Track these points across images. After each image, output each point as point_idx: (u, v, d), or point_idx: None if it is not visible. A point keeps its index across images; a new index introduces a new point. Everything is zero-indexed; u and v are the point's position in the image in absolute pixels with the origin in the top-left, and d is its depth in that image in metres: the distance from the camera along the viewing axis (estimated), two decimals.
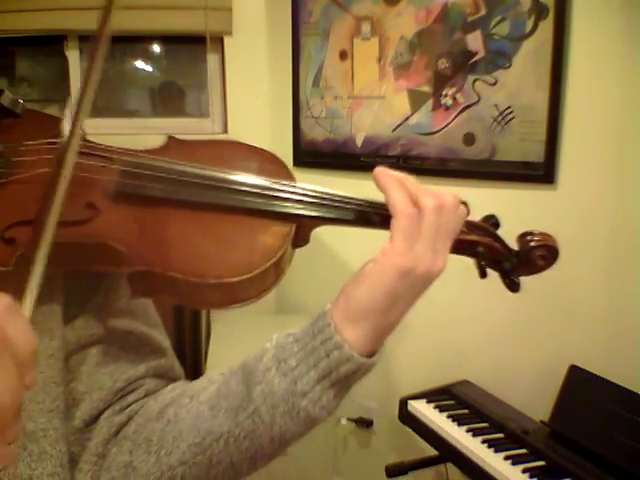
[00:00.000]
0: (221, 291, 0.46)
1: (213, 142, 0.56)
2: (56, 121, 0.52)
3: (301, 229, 0.52)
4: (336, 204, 0.52)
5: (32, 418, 0.48)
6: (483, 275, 0.57)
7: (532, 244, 0.55)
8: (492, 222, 0.57)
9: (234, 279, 0.46)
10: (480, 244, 0.55)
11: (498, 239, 0.57)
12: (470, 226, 0.55)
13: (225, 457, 0.50)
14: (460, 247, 0.54)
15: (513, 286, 0.57)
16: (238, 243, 0.49)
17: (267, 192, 0.51)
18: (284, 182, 0.52)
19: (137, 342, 0.60)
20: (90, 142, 0.52)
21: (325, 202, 0.52)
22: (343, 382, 0.49)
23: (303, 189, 0.52)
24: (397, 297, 0.50)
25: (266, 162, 0.55)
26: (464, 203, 0.53)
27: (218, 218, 0.49)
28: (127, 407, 0.57)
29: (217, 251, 0.48)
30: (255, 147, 0.57)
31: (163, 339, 0.64)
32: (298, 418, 0.48)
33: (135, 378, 0.58)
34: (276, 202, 0.51)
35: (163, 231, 0.48)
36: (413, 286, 0.50)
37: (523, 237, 0.57)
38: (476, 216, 0.57)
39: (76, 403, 0.54)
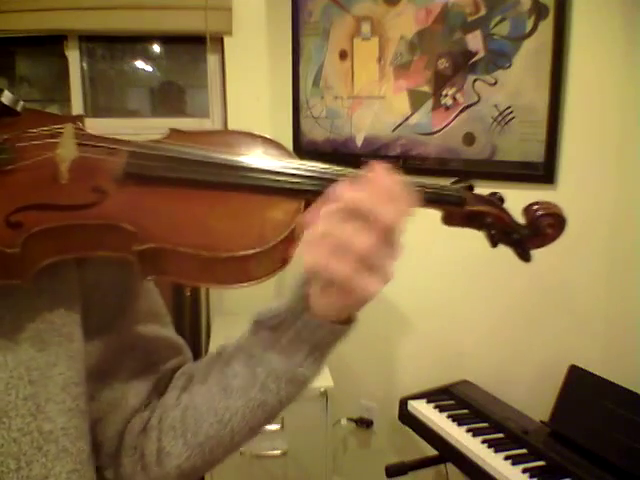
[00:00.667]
0: (231, 266, 0.46)
1: (215, 131, 0.57)
2: (56, 118, 0.53)
3: (309, 206, 0.53)
4: (339, 179, 0.52)
5: (50, 418, 0.49)
6: (494, 245, 0.57)
7: (539, 213, 0.56)
8: (497, 197, 0.58)
9: (245, 252, 0.46)
10: (488, 215, 0.56)
11: (505, 211, 0.57)
12: (477, 199, 0.56)
13: (244, 425, 0.56)
14: (469, 218, 0.55)
15: (525, 256, 0.57)
16: (249, 219, 0.49)
17: (273, 169, 0.51)
18: (290, 160, 0.53)
19: (162, 346, 0.65)
20: (95, 135, 0.52)
21: (329, 177, 0.53)
22: (330, 347, 0.55)
23: (310, 166, 0.53)
24: (349, 308, 0.52)
25: (269, 146, 0.56)
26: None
27: (227, 196, 0.49)
28: (150, 403, 0.62)
29: (228, 227, 0.48)
30: (256, 133, 0.57)
31: (175, 334, 0.68)
32: (298, 382, 0.55)
33: (162, 378, 0.64)
34: (283, 178, 0.51)
35: (172, 210, 0.48)
36: (357, 304, 0.50)
37: (529, 208, 0.57)
38: None
39: (112, 409, 0.59)
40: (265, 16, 2.32)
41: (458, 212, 0.56)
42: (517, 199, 0.63)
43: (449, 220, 0.57)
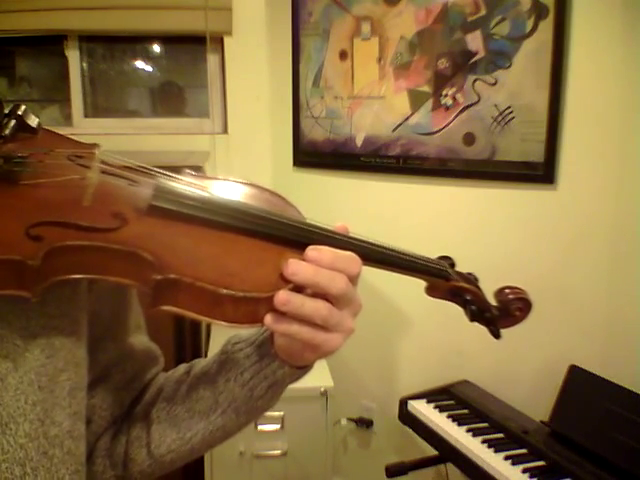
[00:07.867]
0: (243, 306, 0.47)
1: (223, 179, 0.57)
2: (72, 141, 0.54)
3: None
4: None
5: (56, 423, 0.49)
6: (472, 320, 0.60)
7: (510, 297, 0.61)
8: (473, 277, 0.61)
9: (259, 295, 0.47)
10: (469, 291, 0.59)
11: (481, 290, 0.60)
12: (459, 275, 0.59)
13: (204, 443, 0.61)
14: (452, 292, 0.58)
15: (496, 333, 0.62)
16: (263, 263, 0.49)
17: (298, 224, 0.52)
18: (313, 223, 0.54)
19: (146, 357, 0.67)
20: (123, 163, 0.53)
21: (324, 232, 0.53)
22: (287, 385, 0.59)
23: (332, 232, 0.53)
24: (313, 359, 0.55)
25: (274, 197, 0.57)
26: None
27: (240, 239, 0.50)
28: (129, 411, 0.65)
29: (244, 268, 0.48)
30: (262, 186, 0.58)
31: (151, 342, 0.70)
32: (257, 413, 0.60)
33: (142, 388, 0.66)
34: (291, 229, 0.52)
35: (192, 245, 0.49)
36: (320, 356, 0.53)
37: (501, 291, 0.61)
38: (472, 221, 0.58)
39: (97, 418, 0.62)
40: (265, 16, 2.32)
41: (442, 285, 0.58)
42: (517, 199, 0.63)
43: (432, 291, 0.59)
